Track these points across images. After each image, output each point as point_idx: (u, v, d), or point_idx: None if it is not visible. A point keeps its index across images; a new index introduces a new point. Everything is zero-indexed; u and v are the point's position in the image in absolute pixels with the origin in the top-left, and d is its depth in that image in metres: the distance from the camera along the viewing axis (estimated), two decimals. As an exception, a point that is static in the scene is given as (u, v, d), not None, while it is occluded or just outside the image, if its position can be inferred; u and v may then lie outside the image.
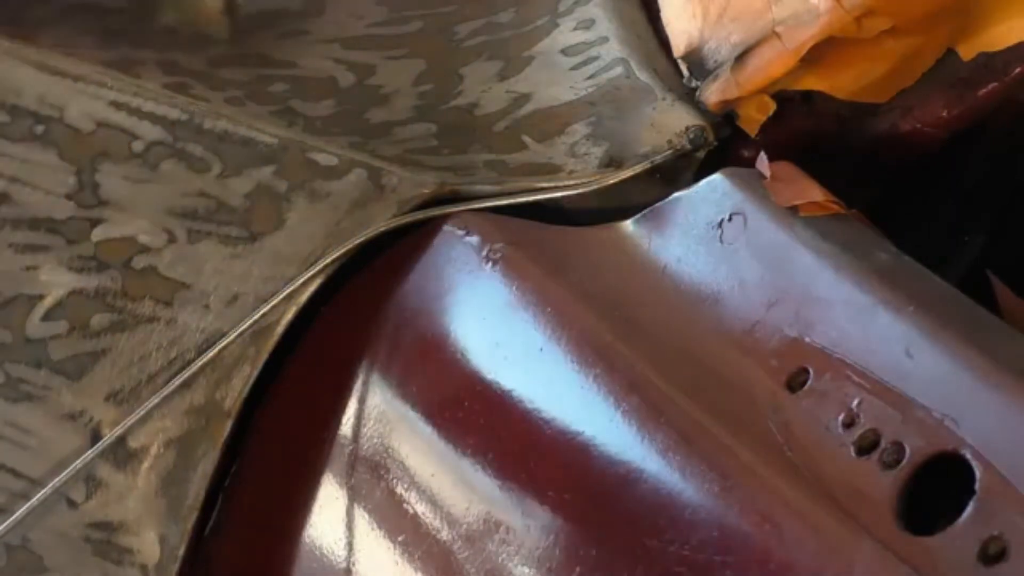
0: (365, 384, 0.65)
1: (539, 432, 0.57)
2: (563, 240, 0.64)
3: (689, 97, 0.68)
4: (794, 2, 0.62)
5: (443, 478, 0.60)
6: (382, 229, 0.68)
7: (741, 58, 0.64)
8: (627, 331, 0.57)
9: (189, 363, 0.69)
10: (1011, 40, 0.62)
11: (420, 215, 0.68)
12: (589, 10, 0.79)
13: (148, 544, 0.69)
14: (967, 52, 0.63)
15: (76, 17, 0.91)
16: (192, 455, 0.69)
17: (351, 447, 0.64)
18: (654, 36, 0.75)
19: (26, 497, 0.69)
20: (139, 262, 0.70)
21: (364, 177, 0.70)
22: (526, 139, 0.71)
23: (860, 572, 0.46)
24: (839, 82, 0.64)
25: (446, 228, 0.67)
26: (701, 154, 0.66)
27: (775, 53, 0.63)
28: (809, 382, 0.51)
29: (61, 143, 0.71)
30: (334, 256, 0.68)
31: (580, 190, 0.67)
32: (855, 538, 0.46)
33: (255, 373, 0.68)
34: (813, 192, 0.57)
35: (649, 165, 0.66)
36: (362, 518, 0.62)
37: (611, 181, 0.67)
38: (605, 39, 0.76)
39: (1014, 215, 0.70)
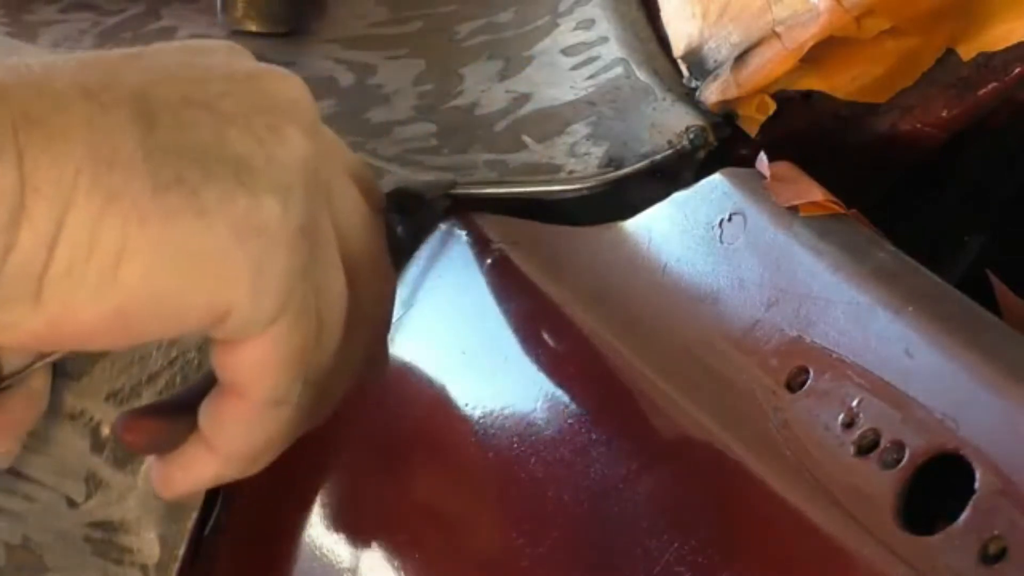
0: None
1: (538, 432, 0.57)
2: (563, 240, 0.64)
3: (689, 97, 0.68)
4: (794, 2, 0.62)
5: (443, 476, 0.60)
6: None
7: (741, 58, 0.64)
8: (627, 331, 0.57)
9: (190, 362, 0.69)
10: (1011, 40, 0.62)
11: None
12: (589, 10, 0.79)
13: (148, 544, 0.69)
14: (967, 52, 0.63)
15: (76, 17, 0.91)
16: (192, 455, 0.69)
17: (352, 445, 0.64)
18: (654, 36, 0.75)
19: (27, 496, 0.69)
20: (139, 262, 0.70)
21: (364, 177, 0.70)
22: (526, 139, 0.71)
23: (860, 572, 0.46)
24: (839, 82, 0.64)
25: (445, 227, 0.67)
26: (701, 154, 0.66)
27: (775, 53, 0.63)
28: (809, 382, 0.51)
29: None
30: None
31: (579, 187, 0.67)
32: (855, 538, 0.46)
33: (255, 373, 0.68)
34: (813, 192, 0.57)
35: (649, 165, 0.66)
36: (363, 517, 0.62)
37: (611, 181, 0.67)
38: (605, 39, 0.76)
39: (1014, 215, 0.70)
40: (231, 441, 0.47)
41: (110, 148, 0.40)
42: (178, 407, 0.50)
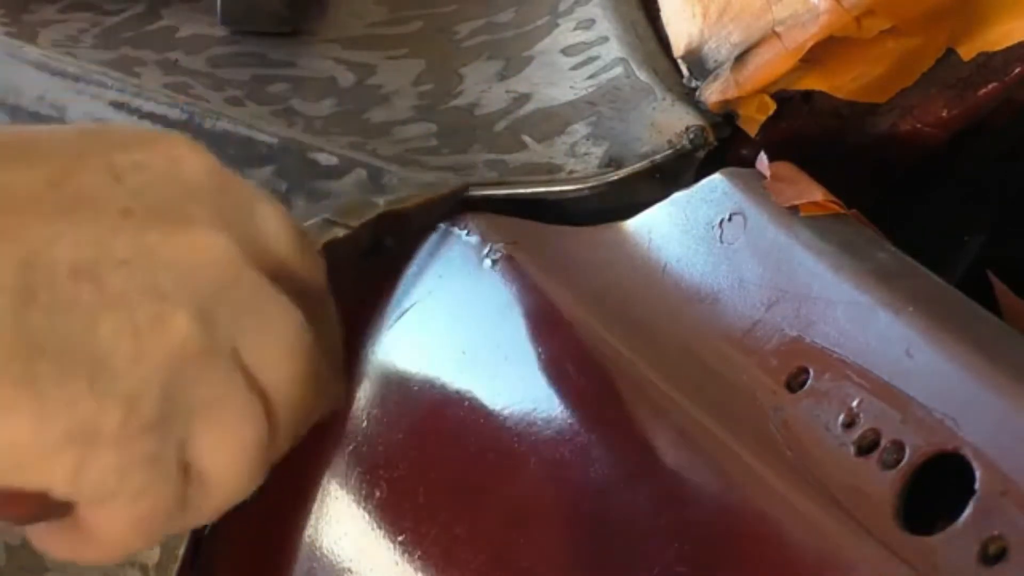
0: (365, 381, 0.65)
1: (539, 432, 0.57)
2: (563, 240, 0.64)
3: (689, 97, 0.68)
4: (794, 2, 0.62)
5: (444, 476, 0.60)
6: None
7: (741, 58, 0.64)
8: (627, 331, 0.57)
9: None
10: (1011, 40, 0.62)
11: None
12: (589, 10, 0.79)
13: (148, 544, 0.69)
14: (967, 52, 0.63)
15: (76, 17, 0.91)
16: (192, 455, 0.68)
17: (352, 445, 0.64)
18: (654, 36, 0.75)
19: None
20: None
21: (364, 177, 0.70)
22: (526, 139, 0.72)
23: (860, 572, 0.46)
24: (839, 82, 0.64)
25: (445, 227, 0.67)
26: (701, 154, 0.66)
27: (775, 53, 0.63)
28: (809, 382, 0.51)
29: (61, 143, 0.71)
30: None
31: (579, 187, 0.67)
32: (855, 538, 0.46)
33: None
34: (813, 192, 0.57)
35: (649, 165, 0.66)
36: (363, 517, 0.62)
37: (611, 181, 0.67)
38: (605, 39, 0.76)
39: (1014, 215, 0.70)
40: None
41: None
42: None
